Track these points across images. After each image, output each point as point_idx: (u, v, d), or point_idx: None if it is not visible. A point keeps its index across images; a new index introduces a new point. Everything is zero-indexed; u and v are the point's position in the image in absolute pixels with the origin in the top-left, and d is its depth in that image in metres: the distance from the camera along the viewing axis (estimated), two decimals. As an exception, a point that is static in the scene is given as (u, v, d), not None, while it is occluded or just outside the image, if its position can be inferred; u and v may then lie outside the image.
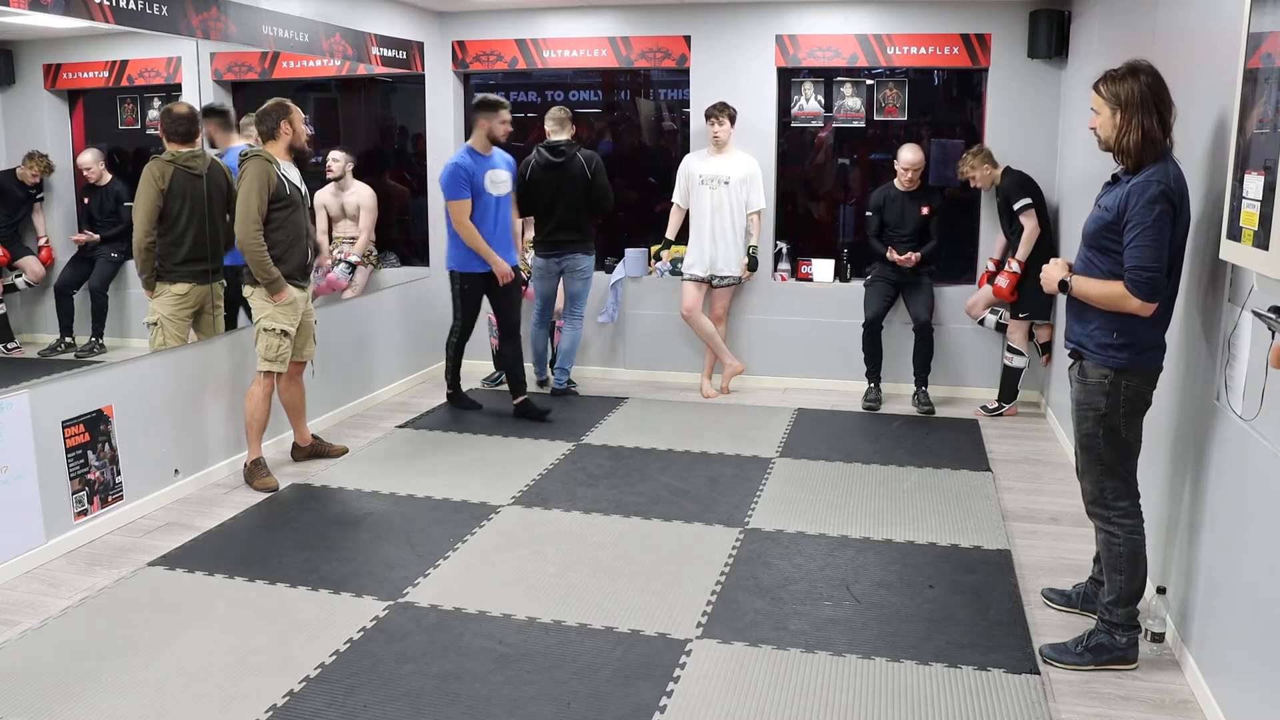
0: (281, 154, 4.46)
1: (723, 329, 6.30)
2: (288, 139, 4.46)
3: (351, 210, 5.97)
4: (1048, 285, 3.02)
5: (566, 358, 6.17)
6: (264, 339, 4.47)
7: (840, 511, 4.27)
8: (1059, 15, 5.63)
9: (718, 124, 5.95)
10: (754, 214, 6.12)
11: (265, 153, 4.40)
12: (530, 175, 5.81)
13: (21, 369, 4.41)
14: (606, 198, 5.91)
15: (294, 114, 4.46)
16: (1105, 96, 2.82)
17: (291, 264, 4.49)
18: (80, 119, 4.55)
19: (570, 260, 5.95)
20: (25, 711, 2.74)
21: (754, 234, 6.14)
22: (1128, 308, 2.78)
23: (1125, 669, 2.98)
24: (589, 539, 3.98)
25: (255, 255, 4.33)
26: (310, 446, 4.95)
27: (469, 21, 6.58)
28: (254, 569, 3.67)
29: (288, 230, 4.45)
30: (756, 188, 6.09)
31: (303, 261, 4.57)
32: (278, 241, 4.42)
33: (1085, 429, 2.96)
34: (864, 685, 2.89)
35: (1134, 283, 2.74)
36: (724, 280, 6.14)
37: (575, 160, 5.79)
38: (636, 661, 3.02)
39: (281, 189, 4.40)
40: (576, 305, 6.09)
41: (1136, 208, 2.72)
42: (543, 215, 5.90)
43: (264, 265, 4.36)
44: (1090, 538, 3.35)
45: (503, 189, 5.51)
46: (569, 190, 5.80)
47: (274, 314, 4.45)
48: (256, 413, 4.53)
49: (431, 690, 2.86)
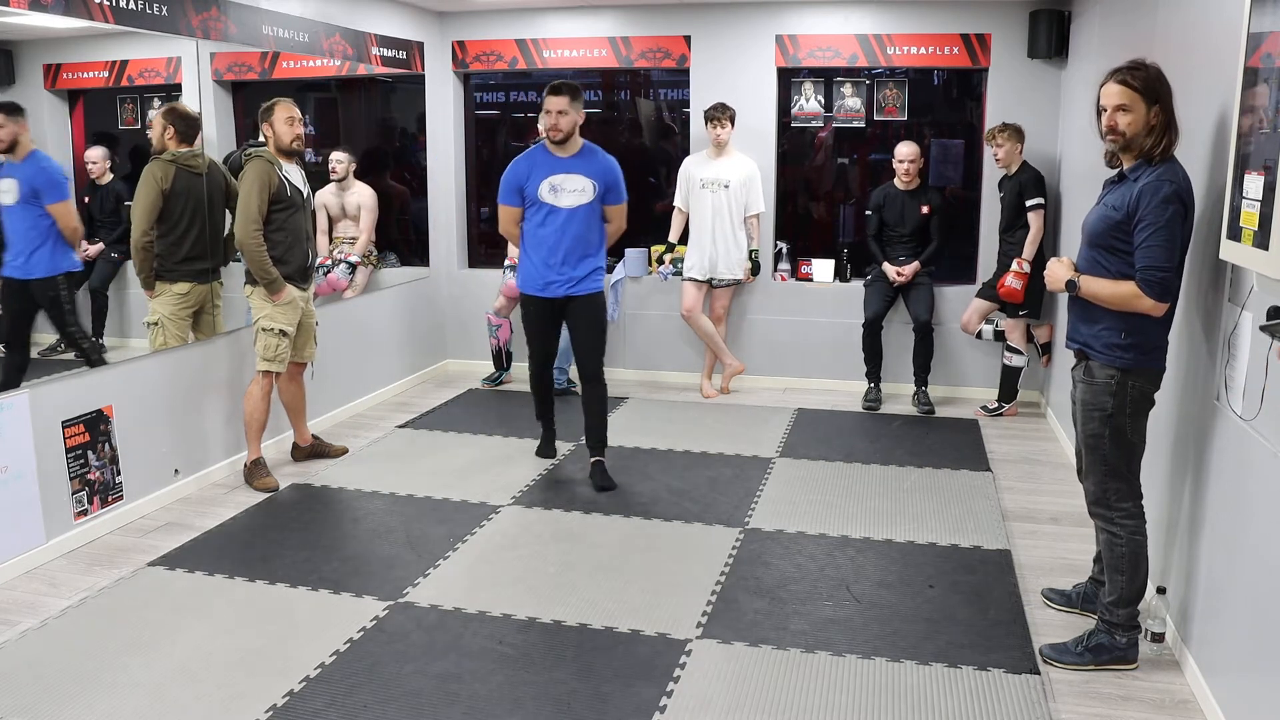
0: (276, 155, 4.44)
1: (723, 329, 6.30)
2: (270, 141, 4.43)
3: (352, 210, 5.97)
4: (1053, 285, 3.00)
5: (564, 357, 6.17)
6: (262, 339, 4.47)
7: (840, 511, 4.27)
8: (1059, 15, 5.64)
9: (719, 126, 5.94)
10: (753, 217, 6.12)
11: (267, 153, 4.40)
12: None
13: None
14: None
15: (276, 116, 4.40)
16: (1141, 91, 2.75)
17: (292, 265, 4.49)
18: (80, 119, 4.55)
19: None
20: (25, 711, 2.74)
21: (754, 237, 6.14)
22: (1139, 308, 2.77)
23: (1125, 669, 2.98)
24: (589, 539, 3.98)
25: (255, 255, 4.33)
26: (310, 446, 4.95)
27: (469, 21, 6.58)
28: (254, 569, 3.67)
29: (288, 231, 4.45)
30: (756, 190, 6.10)
31: (303, 263, 4.57)
32: (278, 242, 4.42)
33: (1091, 429, 2.95)
34: (864, 685, 2.89)
35: (1147, 283, 2.73)
36: (723, 281, 6.15)
37: None
38: (636, 661, 3.02)
39: (282, 190, 4.39)
40: None
41: (1150, 207, 2.70)
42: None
43: (263, 265, 4.36)
44: (1090, 538, 3.35)
45: (574, 199, 4.42)
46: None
47: (273, 313, 4.45)
48: (255, 413, 4.53)
49: (431, 690, 2.86)
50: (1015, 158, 5.55)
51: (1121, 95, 2.77)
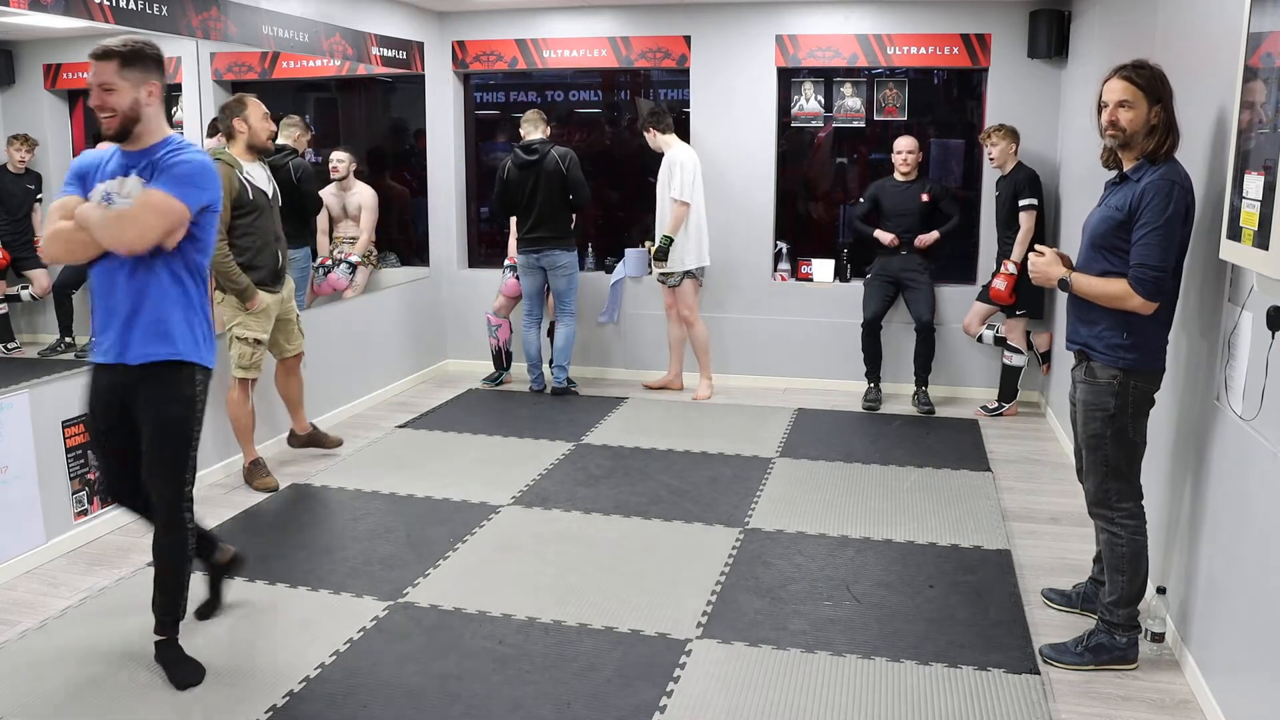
0: (242, 154, 4.26)
1: (696, 332, 6.15)
2: (244, 137, 4.25)
3: (353, 210, 5.98)
4: (1045, 279, 3.00)
5: (562, 354, 6.18)
6: (236, 346, 4.37)
7: (840, 511, 4.27)
8: (1059, 15, 5.64)
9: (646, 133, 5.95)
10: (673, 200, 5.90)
11: (227, 155, 4.18)
12: (507, 175, 5.91)
13: (21, 369, 4.41)
14: (582, 192, 5.91)
15: (250, 109, 4.23)
16: (1143, 88, 2.75)
17: (263, 270, 4.34)
18: (80, 119, 4.55)
19: (550, 257, 5.98)
20: (25, 711, 2.74)
21: (670, 224, 5.92)
22: (1129, 306, 2.78)
23: (1125, 669, 2.97)
24: (589, 539, 3.98)
25: (220, 266, 4.13)
26: (307, 435, 4.93)
27: (469, 21, 6.58)
28: (254, 569, 3.66)
29: (254, 236, 4.28)
30: (676, 178, 5.86)
31: (274, 266, 4.41)
32: (245, 248, 4.25)
33: (1092, 430, 2.95)
34: (864, 685, 2.89)
35: (1138, 280, 2.74)
36: (667, 279, 6.07)
37: (549, 157, 5.84)
38: (636, 661, 3.02)
39: (244, 194, 4.19)
40: (564, 302, 6.12)
41: (1151, 206, 2.71)
42: (522, 213, 5.97)
43: (230, 274, 4.19)
44: (1090, 538, 3.35)
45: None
46: (545, 187, 5.85)
47: (245, 321, 4.34)
48: (239, 416, 4.49)
49: (431, 690, 2.86)
50: (1010, 158, 5.55)
51: (1124, 91, 2.78)
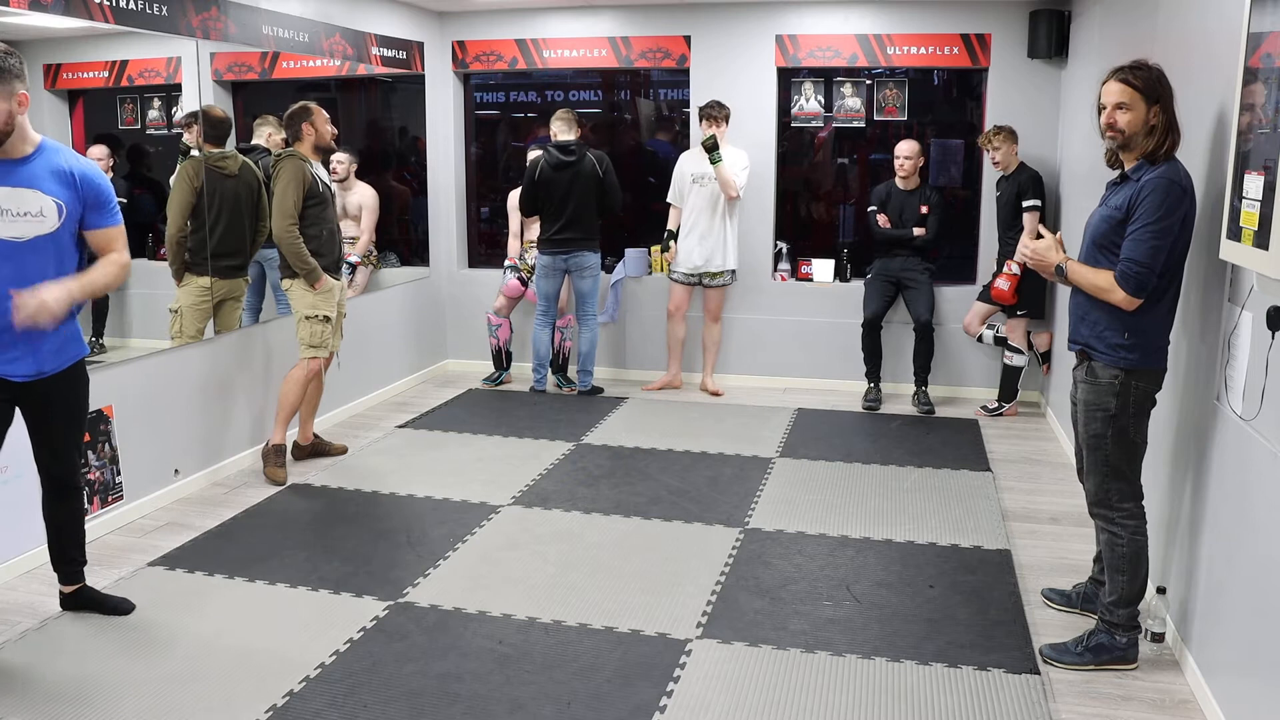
0: (309, 154, 4.60)
1: (717, 330, 6.27)
2: (311, 139, 4.60)
3: (353, 210, 5.98)
4: (1044, 263, 3.00)
5: (588, 359, 6.16)
6: (306, 326, 4.62)
7: (840, 511, 4.27)
8: (1059, 15, 5.63)
9: (714, 125, 5.89)
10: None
11: (298, 153, 4.57)
12: (540, 175, 5.83)
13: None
14: (617, 196, 5.96)
15: (316, 115, 4.59)
16: (1142, 89, 2.75)
17: (329, 257, 4.67)
18: (80, 119, 4.55)
19: (577, 258, 5.95)
20: (25, 711, 2.74)
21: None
22: (1112, 299, 2.79)
23: (1125, 669, 2.98)
24: (589, 539, 3.98)
25: (292, 248, 4.48)
26: (311, 445, 4.95)
27: (469, 21, 6.58)
28: (254, 569, 3.67)
29: (321, 225, 4.62)
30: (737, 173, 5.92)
31: (335, 255, 4.74)
32: (314, 236, 4.57)
33: (1093, 429, 2.95)
34: (864, 685, 2.89)
35: (1124, 275, 2.75)
36: (714, 280, 6.13)
37: (586, 159, 5.82)
38: (636, 661, 3.02)
39: (315, 186, 4.57)
40: (587, 304, 6.08)
41: (1147, 204, 2.71)
42: (551, 214, 5.90)
43: (301, 256, 4.51)
44: (1090, 538, 3.35)
45: (24, 227, 2.88)
46: (581, 189, 5.83)
47: (314, 301, 4.60)
48: (290, 395, 4.66)
49: (431, 690, 2.86)
50: (1013, 159, 5.56)
51: (1122, 93, 2.78)
